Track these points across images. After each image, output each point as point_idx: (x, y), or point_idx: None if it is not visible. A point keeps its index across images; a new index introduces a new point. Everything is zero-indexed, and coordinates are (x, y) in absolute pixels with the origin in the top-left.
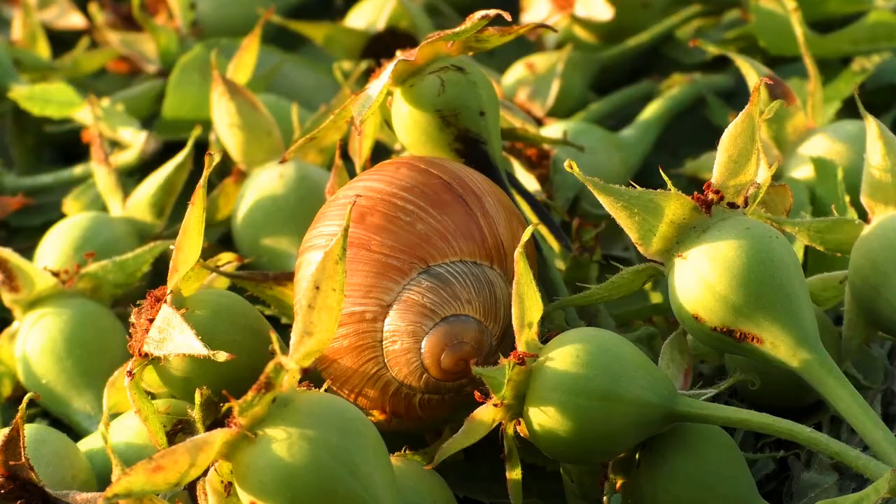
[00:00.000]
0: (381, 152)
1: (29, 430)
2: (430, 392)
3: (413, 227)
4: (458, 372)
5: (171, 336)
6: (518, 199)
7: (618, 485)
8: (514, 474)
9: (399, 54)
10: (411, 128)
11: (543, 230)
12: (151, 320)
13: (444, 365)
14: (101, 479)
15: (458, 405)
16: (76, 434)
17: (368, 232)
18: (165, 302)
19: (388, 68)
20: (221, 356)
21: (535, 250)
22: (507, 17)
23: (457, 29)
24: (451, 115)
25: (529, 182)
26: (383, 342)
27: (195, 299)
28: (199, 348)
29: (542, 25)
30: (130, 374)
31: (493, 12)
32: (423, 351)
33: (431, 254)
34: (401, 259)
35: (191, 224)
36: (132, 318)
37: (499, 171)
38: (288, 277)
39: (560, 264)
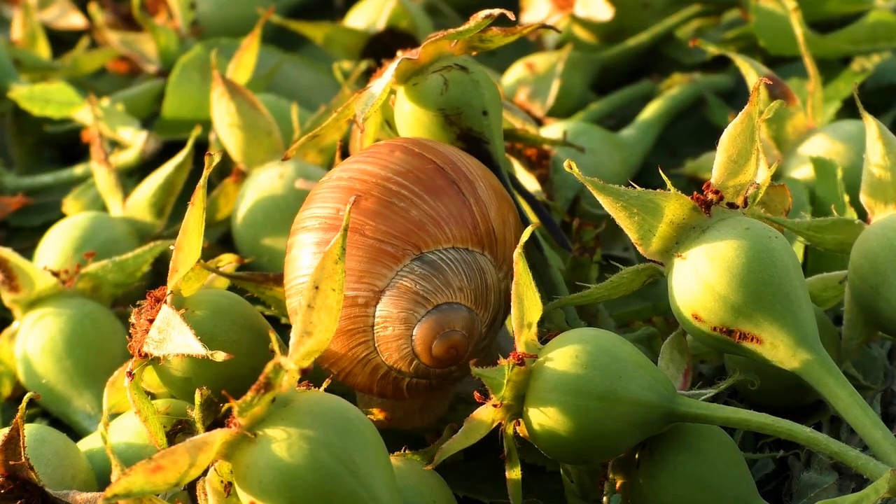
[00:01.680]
0: None
1: (29, 430)
2: (418, 377)
3: (408, 214)
4: (447, 359)
5: (171, 336)
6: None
7: (617, 485)
8: (514, 474)
9: (400, 54)
10: (414, 126)
11: (541, 230)
12: (151, 321)
13: (434, 352)
14: (101, 479)
15: (444, 388)
16: (76, 434)
17: (363, 216)
18: (165, 302)
19: (392, 67)
20: (220, 356)
21: (537, 250)
22: (511, 16)
23: (460, 28)
24: (454, 114)
25: (529, 182)
26: (374, 327)
27: (195, 299)
28: (198, 348)
29: (546, 26)
30: (130, 374)
31: (496, 11)
32: (414, 338)
33: (425, 240)
34: (395, 245)
35: (191, 224)
36: (132, 319)
37: (501, 170)
38: None
39: (560, 265)
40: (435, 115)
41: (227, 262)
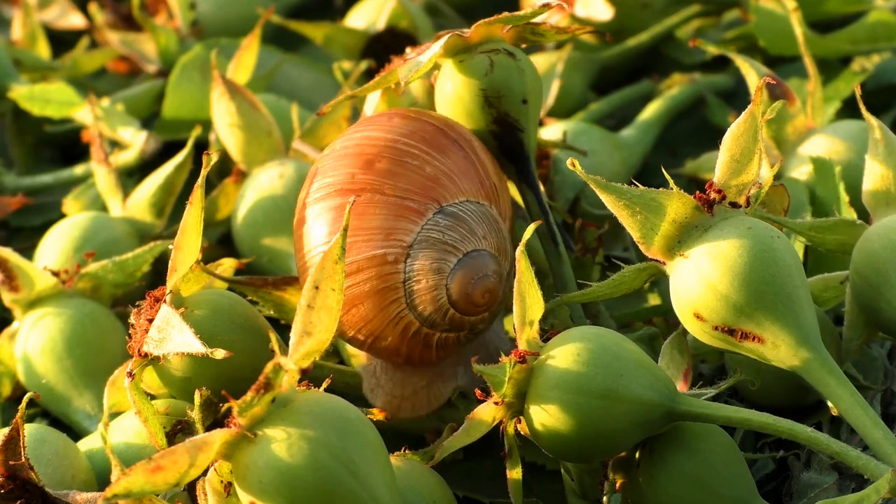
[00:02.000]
0: None
1: (29, 430)
2: (450, 329)
3: (422, 170)
4: (484, 304)
5: (171, 335)
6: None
7: (617, 484)
8: (515, 473)
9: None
10: (454, 102)
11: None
12: (151, 320)
13: (473, 298)
14: (102, 479)
15: (467, 344)
16: (76, 434)
17: (380, 177)
18: (165, 302)
19: (441, 40)
20: (219, 354)
21: (553, 244)
22: (565, 6)
23: (516, 13)
24: (495, 97)
25: None
26: (406, 282)
27: (194, 299)
28: (197, 347)
29: (597, 31)
30: (130, 374)
31: (553, 1)
32: (449, 287)
33: (443, 194)
34: (416, 201)
35: (189, 224)
36: (132, 319)
37: (530, 161)
38: (287, 282)
39: None
40: (476, 94)
41: (227, 266)
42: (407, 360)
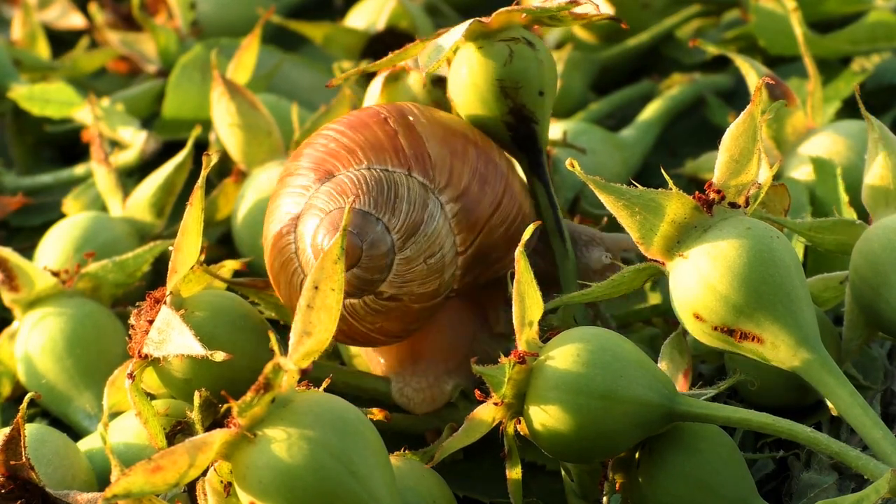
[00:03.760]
0: None
1: (29, 430)
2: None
3: (326, 147)
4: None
5: (171, 337)
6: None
7: (617, 484)
8: (515, 473)
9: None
10: (468, 89)
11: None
12: (151, 322)
13: (325, 248)
14: (102, 479)
15: (400, 317)
16: (76, 434)
17: (293, 161)
18: (165, 303)
19: (464, 25)
20: (219, 356)
21: (560, 240)
22: (596, 3)
23: (543, 4)
24: (512, 88)
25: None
26: (297, 252)
27: (194, 300)
28: (197, 349)
29: (614, 18)
30: (130, 376)
31: None
32: (316, 244)
33: (336, 165)
34: (307, 175)
35: (189, 225)
36: (132, 320)
37: (543, 153)
38: None
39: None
40: (493, 83)
41: (228, 267)
42: (344, 336)
